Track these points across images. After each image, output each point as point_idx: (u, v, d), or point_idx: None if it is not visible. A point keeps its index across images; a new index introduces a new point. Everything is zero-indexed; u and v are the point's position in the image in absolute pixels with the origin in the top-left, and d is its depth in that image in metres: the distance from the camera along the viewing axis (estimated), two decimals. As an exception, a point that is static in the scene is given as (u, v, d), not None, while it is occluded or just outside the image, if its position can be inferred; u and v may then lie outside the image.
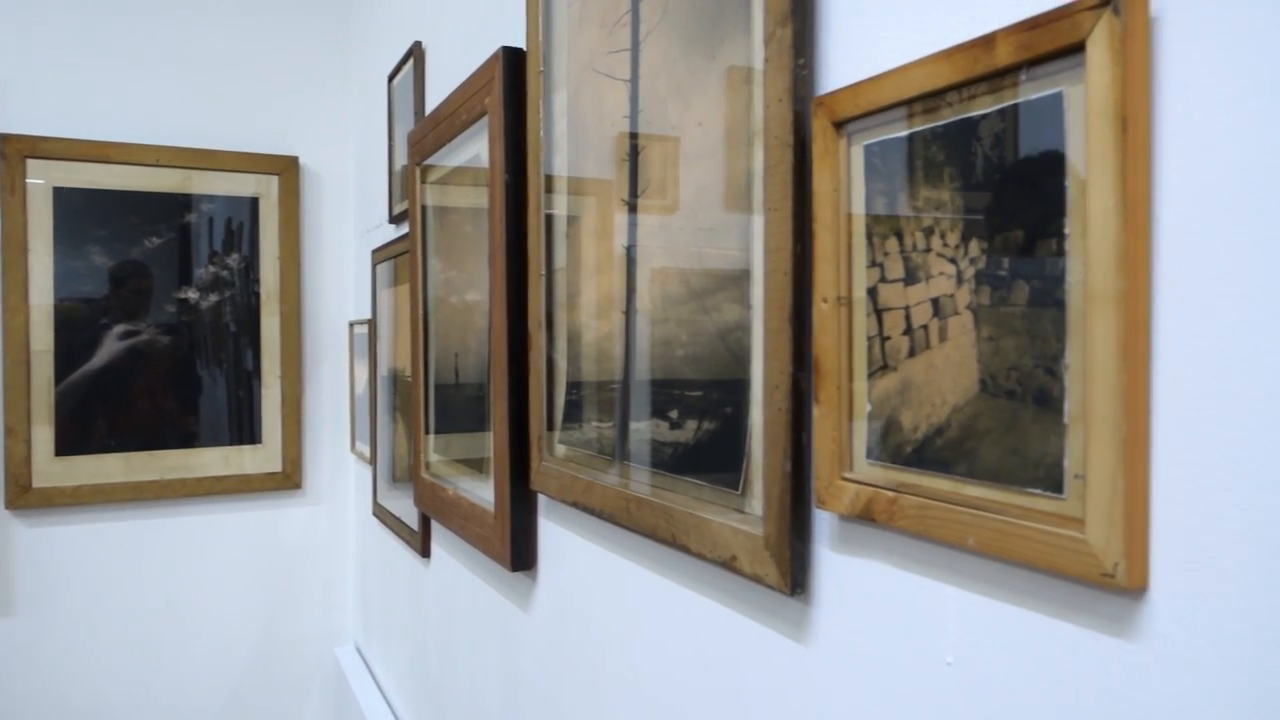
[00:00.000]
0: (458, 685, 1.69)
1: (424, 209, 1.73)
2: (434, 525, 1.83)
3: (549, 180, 1.20)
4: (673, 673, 0.95)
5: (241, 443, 2.50)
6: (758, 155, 0.78)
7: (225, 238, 2.48)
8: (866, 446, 0.67)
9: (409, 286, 1.85)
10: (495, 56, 1.28)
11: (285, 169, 2.52)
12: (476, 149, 1.41)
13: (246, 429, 2.51)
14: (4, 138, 2.24)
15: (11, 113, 2.29)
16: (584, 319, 1.11)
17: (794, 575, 0.73)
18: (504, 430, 1.28)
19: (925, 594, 0.63)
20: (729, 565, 0.80)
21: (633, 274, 1.00)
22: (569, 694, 1.21)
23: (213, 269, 2.46)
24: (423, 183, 1.73)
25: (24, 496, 2.28)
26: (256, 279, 2.51)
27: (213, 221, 2.46)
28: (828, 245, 0.68)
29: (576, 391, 1.14)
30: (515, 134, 1.25)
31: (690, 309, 0.89)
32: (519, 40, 1.31)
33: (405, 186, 1.93)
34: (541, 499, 1.30)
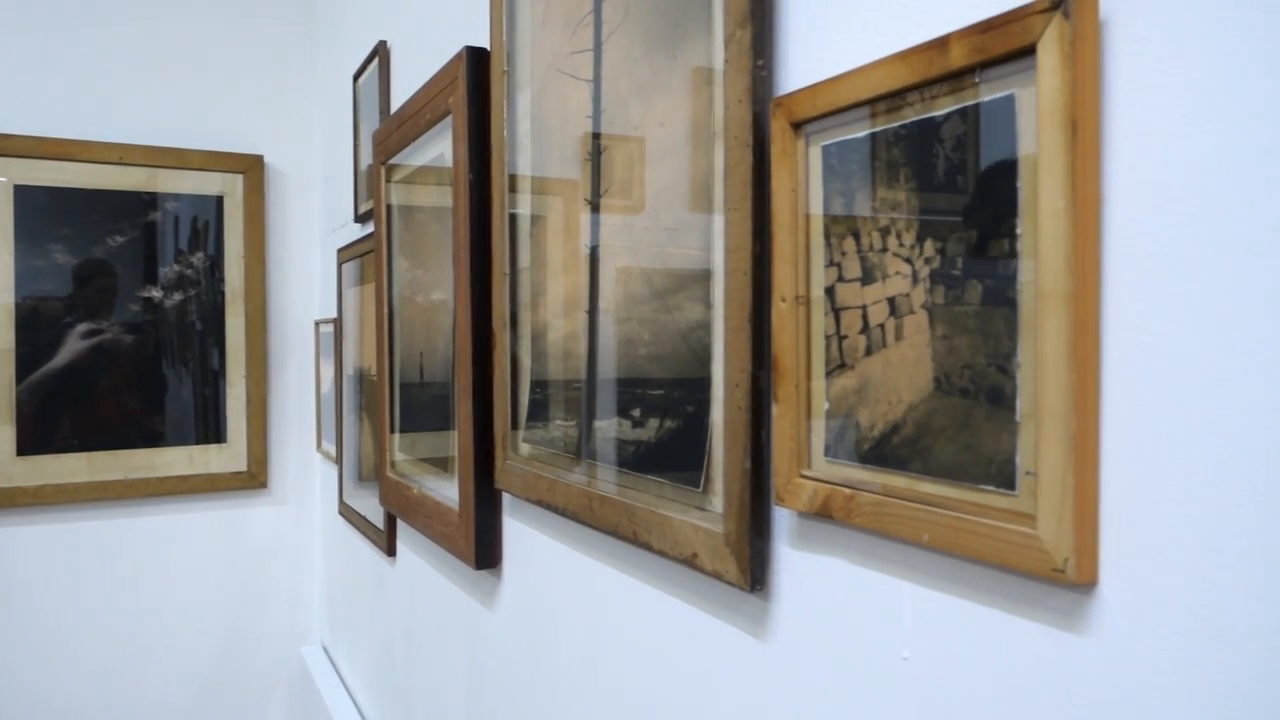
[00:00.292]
0: (423, 683, 1.68)
1: (389, 208, 1.72)
2: (399, 524, 1.83)
3: (513, 180, 1.20)
4: (635, 669, 0.96)
5: (207, 442, 2.48)
6: (718, 156, 0.78)
7: (191, 236, 2.45)
8: (825, 444, 0.67)
9: (374, 286, 1.84)
10: (459, 56, 1.27)
11: (250, 168, 2.49)
12: (441, 148, 1.41)
13: (212, 428, 2.49)
14: (-40, 133, 2.21)
15: (-32, 108, 2.25)
16: (548, 318, 1.11)
17: (753, 572, 0.73)
18: (468, 429, 1.28)
19: (882, 590, 0.64)
20: (690, 562, 0.80)
21: (596, 273, 1.00)
22: (533, 691, 1.21)
23: (177, 268, 2.44)
24: (387, 182, 1.72)
25: (-18, 498, 2.25)
26: (221, 278, 2.49)
27: (178, 220, 2.44)
28: (786, 245, 0.68)
29: (541, 390, 1.14)
30: (479, 133, 1.25)
31: (653, 308, 0.89)
32: (483, 40, 1.31)
33: (370, 186, 1.92)
34: (506, 497, 1.29)
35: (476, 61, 1.26)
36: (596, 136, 1.00)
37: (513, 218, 1.20)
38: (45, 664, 2.34)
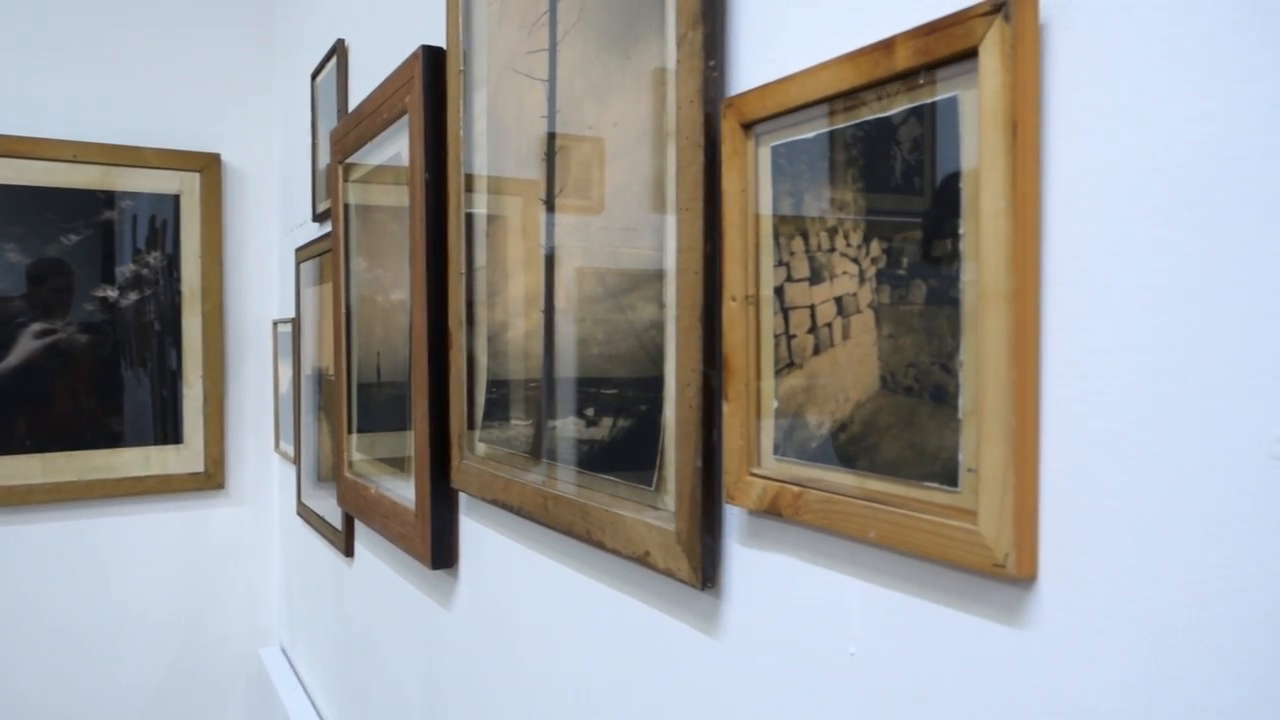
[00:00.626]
0: (381, 684, 1.67)
1: (346, 207, 1.71)
2: (358, 525, 1.81)
3: (469, 179, 1.19)
4: (590, 667, 0.96)
5: (164, 443, 2.44)
6: (671, 156, 0.79)
7: (149, 235, 2.42)
8: (774, 442, 0.68)
9: (331, 285, 1.82)
10: (415, 55, 1.27)
11: (207, 166, 2.46)
12: (398, 147, 1.40)
13: (170, 429, 2.45)
14: (-95, 128, 2.16)
15: (-87, 102, 2.20)
16: (504, 317, 1.11)
17: (704, 570, 0.74)
18: (424, 429, 1.27)
19: (830, 586, 0.64)
20: (643, 561, 0.80)
21: (552, 273, 1.00)
22: (489, 690, 1.20)
23: (134, 267, 2.40)
24: (345, 181, 1.71)
25: (-71, 501, 2.20)
26: (179, 277, 2.45)
27: (136, 219, 2.40)
28: (736, 245, 0.69)
29: (497, 390, 1.14)
30: (435, 133, 1.25)
31: (607, 307, 0.89)
32: (440, 39, 1.30)
33: (329, 185, 1.90)
34: (463, 497, 1.29)
35: (433, 60, 1.25)
36: (552, 136, 1.00)
37: (469, 217, 1.20)
38: (0, 666, 2.31)
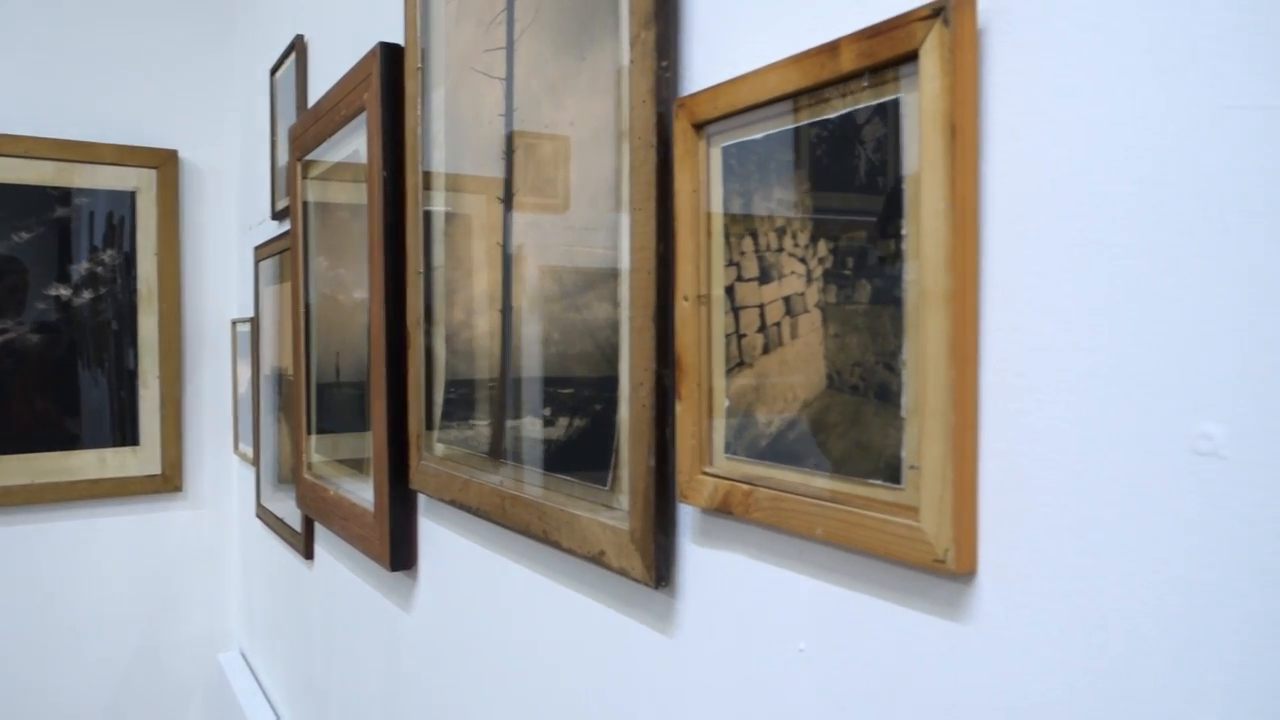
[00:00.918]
0: (341, 688, 1.65)
1: (305, 205, 1.69)
2: (317, 527, 1.80)
3: (427, 177, 1.19)
4: (547, 667, 0.96)
5: (120, 445, 2.41)
6: (625, 156, 0.79)
7: (106, 233, 2.38)
8: (725, 441, 0.68)
9: (290, 283, 1.80)
10: (373, 52, 1.26)
11: (164, 163, 2.43)
12: (356, 145, 1.39)
13: (130, 431, 2.41)
14: None
15: None
16: (462, 317, 1.11)
17: (658, 568, 0.74)
18: (383, 429, 1.26)
19: (780, 584, 0.65)
20: (598, 560, 0.81)
21: (509, 272, 1.00)
22: (448, 692, 1.20)
23: (89, 265, 2.36)
24: (304, 178, 1.69)
25: (-126, 505, 2.15)
26: (136, 275, 2.42)
27: (93, 216, 2.36)
28: (688, 244, 0.69)
29: (456, 390, 1.13)
30: (393, 130, 1.24)
31: (564, 307, 0.90)
32: (399, 36, 1.29)
33: (288, 182, 1.89)
34: (422, 498, 1.28)
35: (391, 58, 1.24)
36: (509, 135, 1.00)
37: (427, 215, 1.19)
38: (-55, 676, 2.26)
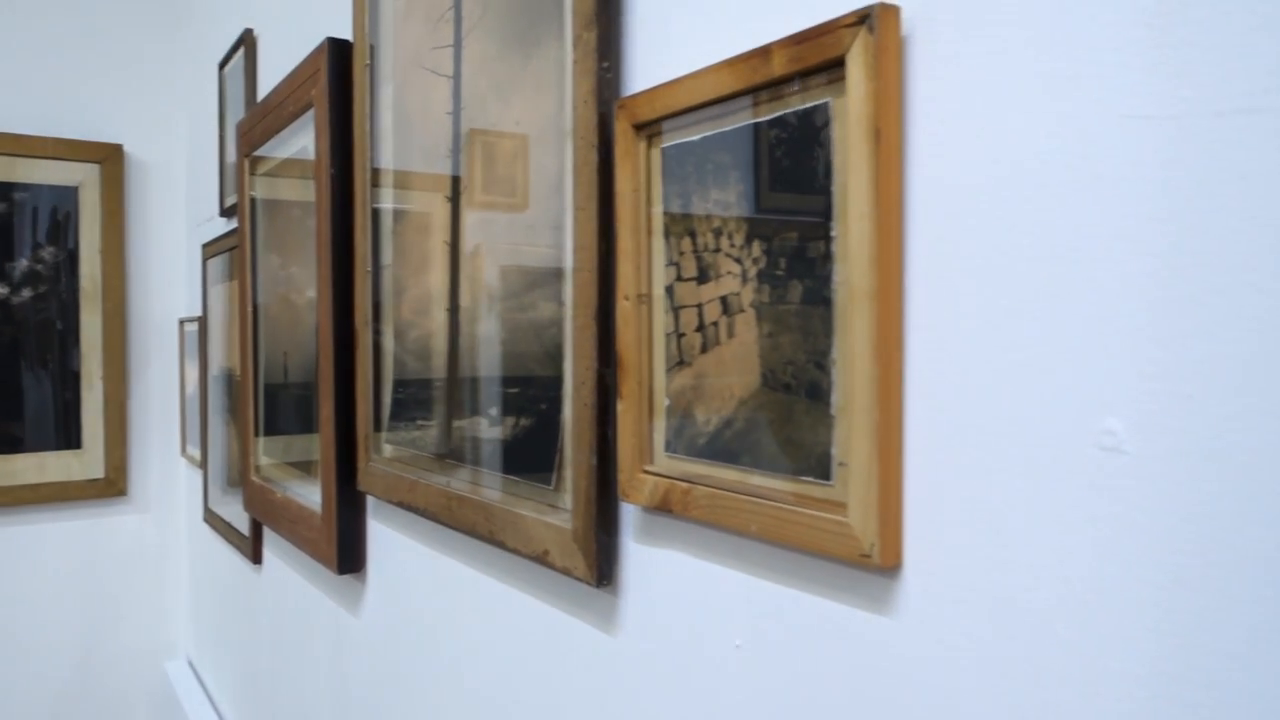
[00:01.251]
0: (290, 694, 1.64)
1: (253, 201, 1.68)
2: (266, 530, 1.78)
3: (376, 174, 1.19)
4: (494, 668, 0.96)
5: (65, 448, 2.35)
6: (568, 155, 0.79)
7: (50, 228, 2.33)
8: (666, 440, 0.69)
9: (238, 282, 1.78)
10: (321, 48, 1.25)
11: (108, 157, 2.38)
12: (305, 141, 1.38)
13: (73, 434, 2.36)
14: None
15: None
16: (411, 316, 1.10)
17: (600, 567, 0.75)
18: (330, 430, 1.25)
19: (717, 581, 0.66)
20: (542, 560, 0.81)
21: (456, 271, 1.00)
22: (396, 695, 1.19)
23: (30, 262, 2.31)
24: (252, 174, 1.67)
25: None
26: (79, 273, 2.37)
27: (35, 211, 2.31)
28: (629, 244, 0.70)
29: (404, 390, 1.13)
30: (341, 127, 1.23)
31: (510, 306, 0.90)
32: (348, 31, 1.29)
33: (236, 178, 1.86)
34: (370, 500, 1.28)
35: (339, 53, 1.24)
36: (456, 133, 1.00)
37: (376, 213, 1.19)
38: (-121, 685, 2.20)
